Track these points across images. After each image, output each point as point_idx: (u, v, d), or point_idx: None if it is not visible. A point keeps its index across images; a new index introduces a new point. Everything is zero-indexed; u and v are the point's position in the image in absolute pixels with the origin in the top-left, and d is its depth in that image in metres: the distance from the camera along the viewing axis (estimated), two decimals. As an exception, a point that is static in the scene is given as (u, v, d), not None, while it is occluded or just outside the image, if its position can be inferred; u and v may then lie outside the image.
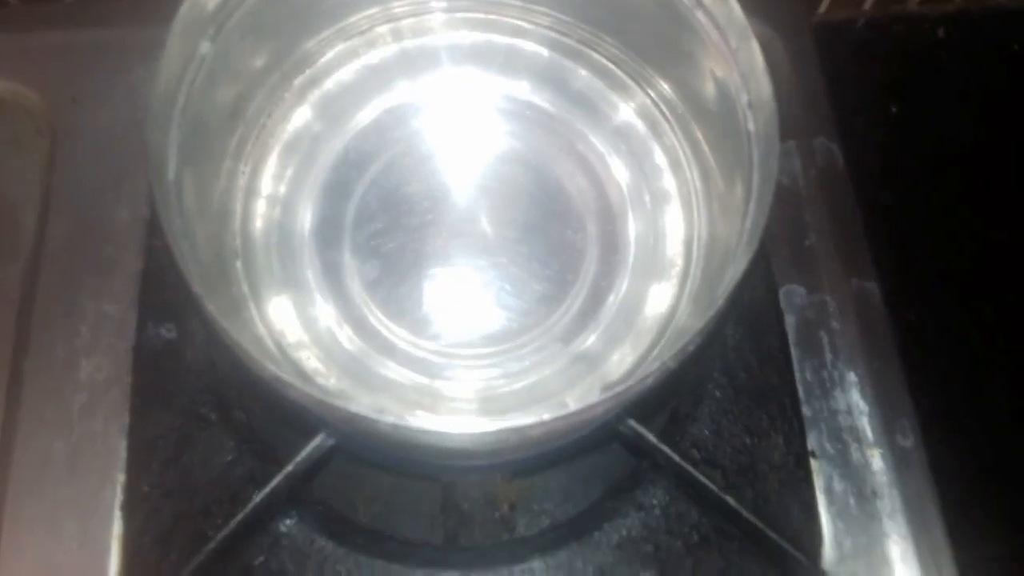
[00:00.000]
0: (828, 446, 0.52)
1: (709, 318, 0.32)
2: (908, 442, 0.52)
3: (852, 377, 0.54)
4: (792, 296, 0.56)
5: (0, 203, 0.59)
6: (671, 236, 0.48)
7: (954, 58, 0.79)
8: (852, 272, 0.57)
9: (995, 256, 0.69)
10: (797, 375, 0.53)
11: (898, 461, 0.52)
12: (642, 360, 0.45)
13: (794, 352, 0.54)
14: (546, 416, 0.31)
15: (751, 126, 0.38)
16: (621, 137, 0.50)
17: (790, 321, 0.55)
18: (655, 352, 0.44)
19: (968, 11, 0.81)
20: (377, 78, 0.51)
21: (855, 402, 0.53)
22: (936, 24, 0.80)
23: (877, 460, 0.52)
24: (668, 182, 0.48)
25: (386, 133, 0.51)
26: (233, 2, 0.40)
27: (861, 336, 0.55)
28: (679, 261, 0.47)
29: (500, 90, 0.51)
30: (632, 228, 0.48)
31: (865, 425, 0.53)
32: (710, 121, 0.44)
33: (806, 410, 0.53)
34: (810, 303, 0.56)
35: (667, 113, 0.47)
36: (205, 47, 0.39)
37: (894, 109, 0.78)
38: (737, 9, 0.38)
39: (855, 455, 0.52)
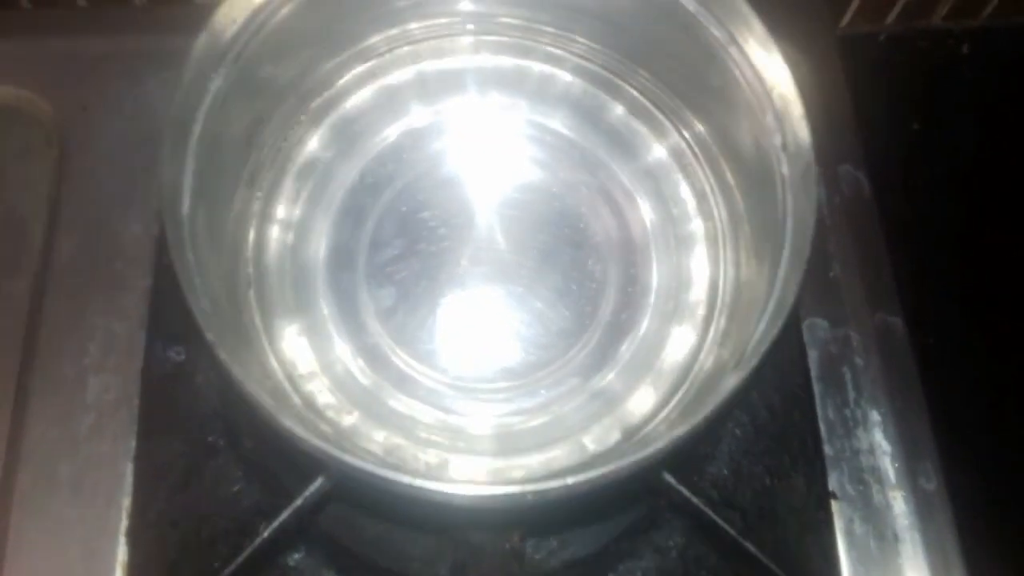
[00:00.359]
0: (849, 487, 0.51)
1: (743, 379, 0.31)
2: (931, 485, 0.51)
3: (875, 416, 0.53)
4: (815, 330, 0.55)
5: (7, 214, 0.58)
6: (696, 280, 0.46)
7: (978, 74, 0.78)
8: (877, 306, 0.56)
9: (1020, 277, 0.68)
10: (819, 412, 0.52)
11: (920, 504, 0.51)
12: (663, 402, 0.44)
13: (816, 388, 0.53)
14: (569, 480, 0.30)
15: (785, 169, 0.37)
16: (650, 175, 0.48)
17: (813, 356, 0.54)
18: (678, 396, 0.43)
19: (994, 27, 0.79)
20: (396, 100, 0.50)
21: (878, 442, 0.52)
22: (961, 39, 0.79)
23: (899, 503, 0.51)
24: (695, 225, 0.47)
25: (404, 157, 0.50)
26: (250, 29, 0.39)
27: (885, 373, 0.54)
28: (702, 306, 0.46)
29: (524, 116, 0.50)
30: (655, 269, 0.47)
31: (888, 466, 0.52)
32: (742, 163, 0.42)
33: (828, 449, 0.52)
34: (834, 337, 0.55)
35: (699, 153, 0.46)
36: (220, 77, 0.38)
37: (916, 126, 0.77)
38: (775, 49, 0.37)
39: (877, 497, 0.51)
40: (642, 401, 0.45)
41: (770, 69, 0.37)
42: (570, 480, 0.30)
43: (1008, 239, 0.70)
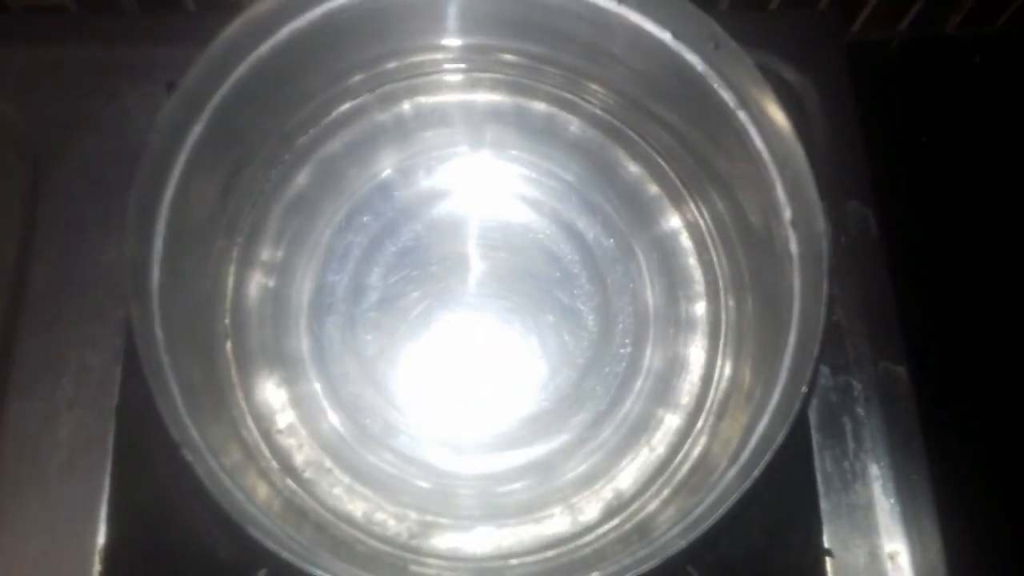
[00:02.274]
0: (846, 544, 0.50)
1: (743, 490, 0.29)
2: (930, 543, 0.50)
3: (874, 470, 0.52)
4: (816, 377, 0.53)
5: (-22, 236, 0.56)
6: (692, 360, 0.44)
7: (992, 86, 0.75)
8: (881, 355, 0.54)
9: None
10: (817, 464, 0.51)
11: (918, 563, 0.50)
12: (659, 470, 0.42)
13: (815, 439, 0.52)
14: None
15: (793, 247, 0.35)
16: (658, 241, 0.46)
17: (812, 404, 0.53)
18: (668, 471, 0.41)
19: (1008, 36, 0.77)
20: (385, 138, 0.47)
21: (876, 497, 0.51)
22: (974, 49, 0.77)
23: (896, 562, 0.50)
24: (698, 302, 0.44)
25: (394, 196, 0.47)
26: (222, 76, 0.36)
27: (886, 425, 0.53)
28: (695, 389, 0.44)
29: (526, 160, 0.48)
30: (652, 337, 0.45)
31: (886, 522, 0.51)
32: (753, 239, 0.40)
33: (824, 504, 0.50)
34: (834, 385, 0.53)
35: (711, 223, 0.43)
36: (195, 133, 0.35)
37: (925, 139, 0.75)
38: (778, 116, 0.34)
39: (874, 556, 0.50)
40: (632, 470, 0.43)
41: (781, 140, 0.35)
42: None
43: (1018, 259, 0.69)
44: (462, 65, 0.45)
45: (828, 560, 0.49)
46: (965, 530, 0.51)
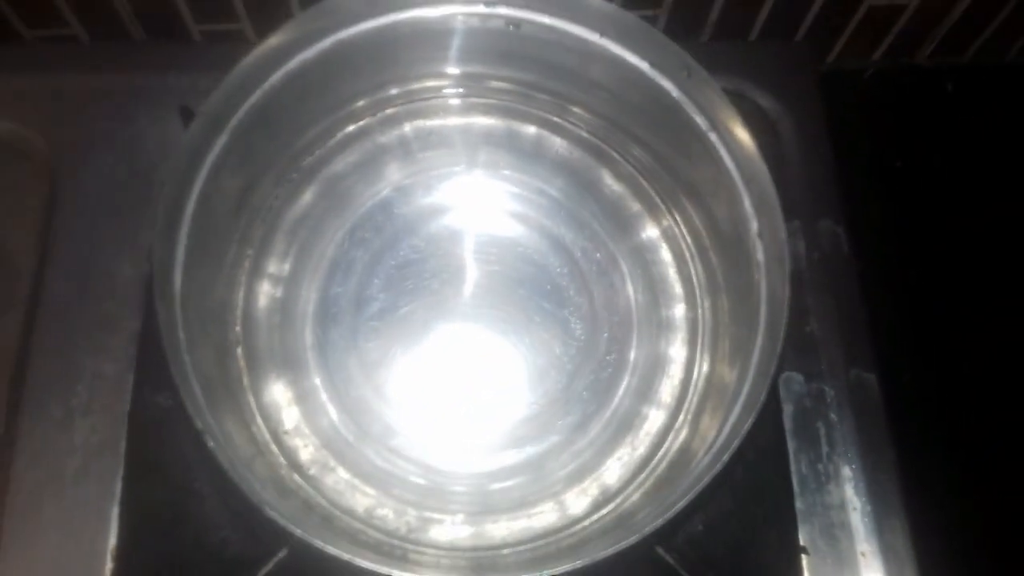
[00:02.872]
0: (820, 542, 0.52)
1: (717, 470, 0.32)
2: (899, 542, 0.53)
3: (847, 472, 0.54)
4: (791, 384, 0.56)
5: (-2, 249, 0.59)
6: (673, 360, 0.47)
7: (963, 114, 0.79)
8: (852, 362, 0.57)
9: (993, 316, 0.69)
10: (792, 467, 0.54)
11: (888, 560, 0.52)
12: (641, 466, 0.45)
13: (791, 443, 0.54)
14: (577, 563, 0.31)
15: (760, 256, 0.38)
16: (639, 250, 0.50)
17: (788, 410, 0.55)
18: (654, 461, 0.44)
19: (979, 67, 0.80)
20: (386, 158, 0.50)
21: (848, 497, 0.54)
22: (946, 78, 0.80)
23: (867, 559, 0.52)
24: (677, 305, 0.48)
25: (394, 212, 0.51)
26: (245, 103, 0.39)
27: (857, 429, 0.55)
28: (677, 378, 0.47)
29: (517, 179, 0.51)
30: (635, 340, 0.48)
31: (857, 522, 0.53)
32: (724, 246, 0.43)
33: (800, 504, 0.53)
34: (808, 392, 0.56)
35: (687, 233, 0.47)
36: (215, 152, 0.38)
37: (898, 164, 0.77)
38: (744, 137, 0.38)
39: (846, 553, 0.52)
40: (618, 466, 0.46)
41: (748, 159, 0.39)
42: (578, 563, 0.31)
43: (988, 279, 0.72)
44: (459, 91, 0.49)
45: (804, 557, 0.51)
46: (932, 529, 0.54)
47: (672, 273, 0.48)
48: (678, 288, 0.48)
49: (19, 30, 0.65)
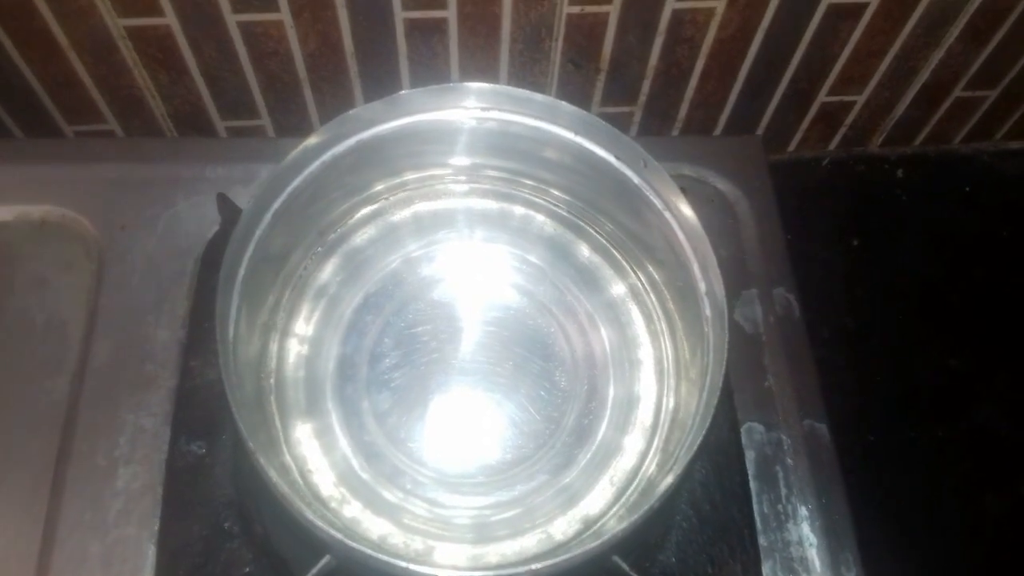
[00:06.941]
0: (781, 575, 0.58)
1: (672, 484, 0.39)
2: (851, 573, 0.59)
3: (803, 511, 0.60)
4: (753, 433, 0.63)
5: (50, 319, 0.66)
6: (644, 399, 0.55)
7: (912, 197, 0.87)
8: (805, 414, 0.64)
9: (949, 382, 0.76)
10: (755, 507, 0.60)
11: (842, 592, 0.58)
12: (618, 497, 0.52)
13: (753, 486, 0.61)
14: (535, 566, 0.37)
15: (707, 312, 0.46)
16: (611, 307, 0.58)
17: (750, 456, 0.62)
18: (629, 491, 0.51)
19: (926, 154, 0.90)
20: (396, 235, 0.59)
21: (805, 534, 0.60)
22: (896, 165, 0.89)
23: (824, 590, 0.58)
24: (645, 352, 0.56)
25: (403, 281, 0.59)
26: (282, 187, 0.48)
27: (812, 473, 0.62)
28: (649, 420, 0.54)
29: (508, 251, 0.60)
30: (612, 387, 0.56)
31: (814, 556, 0.59)
32: (681, 302, 0.52)
33: (762, 540, 0.59)
34: (768, 440, 0.63)
35: (650, 291, 0.56)
36: (263, 228, 0.47)
37: (855, 242, 0.85)
38: (690, 214, 0.47)
39: (804, 585, 0.58)
40: (601, 496, 0.53)
41: (694, 233, 0.47)
42: (535, 566, 0.38)
43: (939, 347, 0.79)
44: (461, 178, 0.58)
45: (766, 588, 0.58)
46: (883, 561, 0.60)
47: (638, 319, 0.57)
48: (645, 336, 0.56)
49: (60, 126, 0.74)
